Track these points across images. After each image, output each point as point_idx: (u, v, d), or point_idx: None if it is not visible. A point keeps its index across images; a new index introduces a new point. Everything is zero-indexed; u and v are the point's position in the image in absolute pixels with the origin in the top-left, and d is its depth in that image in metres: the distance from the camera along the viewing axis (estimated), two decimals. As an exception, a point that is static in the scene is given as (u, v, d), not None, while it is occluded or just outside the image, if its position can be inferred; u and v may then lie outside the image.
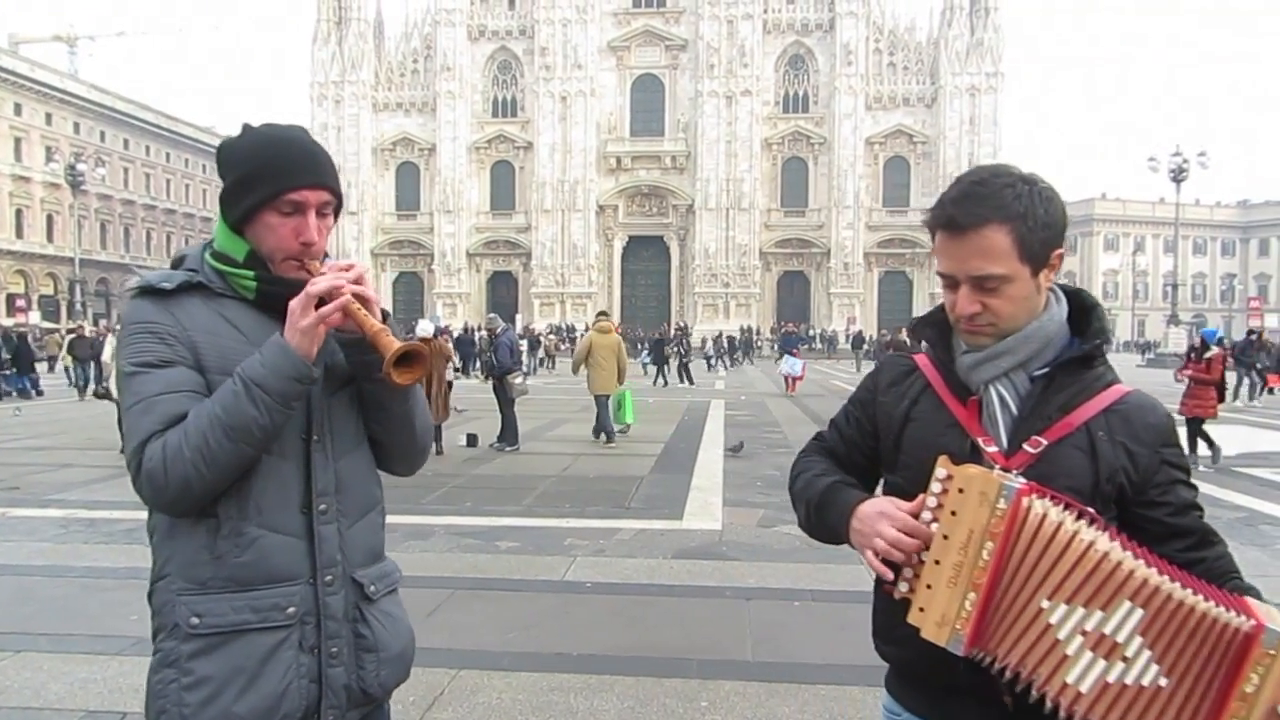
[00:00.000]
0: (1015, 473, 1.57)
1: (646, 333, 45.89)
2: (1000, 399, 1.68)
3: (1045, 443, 1.62)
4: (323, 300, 1.70)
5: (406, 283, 74.36)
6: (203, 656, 1.66)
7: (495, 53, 72.58)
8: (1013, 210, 1.59)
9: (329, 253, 1.92)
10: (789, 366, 26.02)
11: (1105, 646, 1.39)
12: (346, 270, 1.77)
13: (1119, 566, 1.40)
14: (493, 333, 16.60)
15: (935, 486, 1.54)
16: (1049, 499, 1.47)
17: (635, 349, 47.14)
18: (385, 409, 1.86)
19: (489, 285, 73.86)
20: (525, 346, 30.61)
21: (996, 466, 1.59)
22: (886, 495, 1.72)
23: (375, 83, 72.64)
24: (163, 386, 1.66)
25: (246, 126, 1.83)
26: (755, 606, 5.97)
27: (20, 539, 7.86)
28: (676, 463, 12.52)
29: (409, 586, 6.78)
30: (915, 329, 1.85)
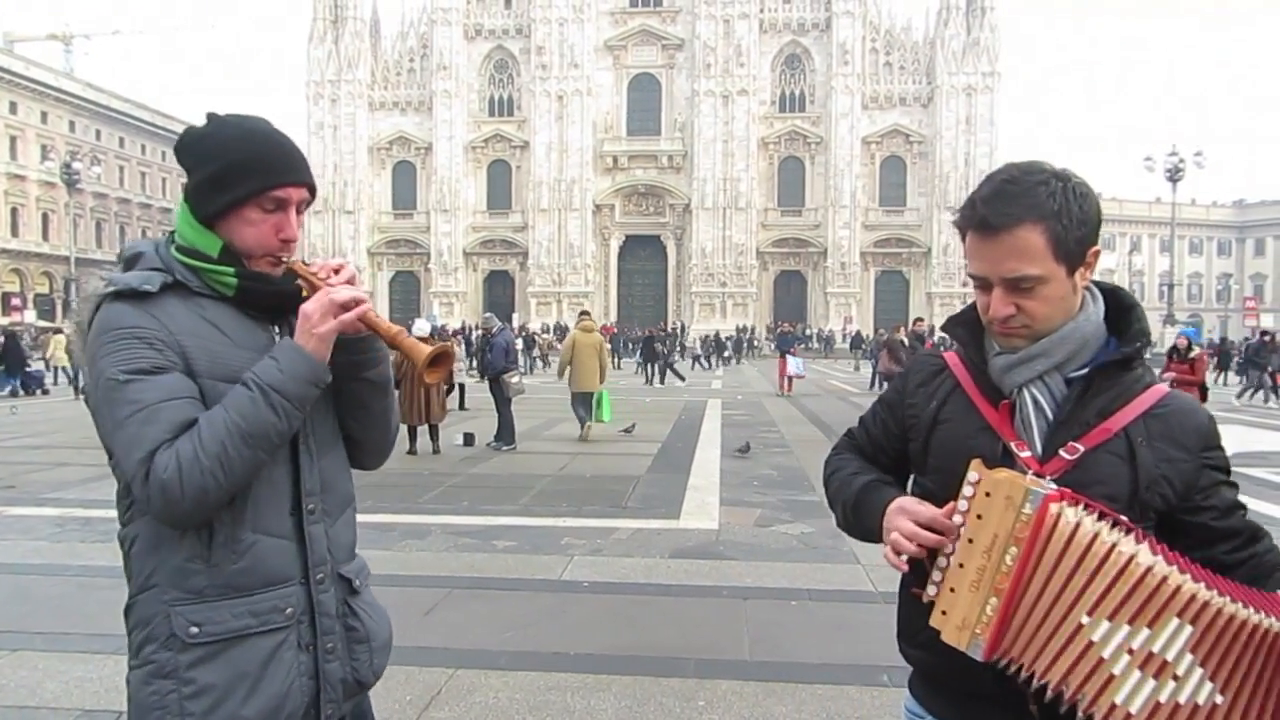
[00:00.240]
0: (1049, 478, 1.53)
1: (642, 332, 46.07)
2: (1035, 402, 1.63)
3: (1082, 449, 1.57)
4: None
5: (403, 282, 74.29)
6: (203, 665, 1.64)
7: (492, 52, 72.54)
8: (1047, 209, 1.54)
9: (313, 250, 1.90)
10: (795, 367, 26.19)
11: (1154, 665, 1.34)
12: (338, 271, 1.79)
13: (1164, 582, 1.35)
14: (488, 332, 16.60)
15: (967, 490, 1.51)
16: (1083, 507, 1.43)
17: (630, 349, 47.42)
18: (366, 407, 1.88)
19: (486, 284, 73.79)
20: (520, 345, 30.64)
21: (1030, 472, 1.55)
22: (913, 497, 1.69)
23: (371, 82, 72.56)
24: (164, 393, 1.60)
25: (214, 116, 1.78)
26: (752, 606, 5.97)
27: (16, 538, 7.85)
28: (674, 462, 12.52)
29: (406, 585, 6.78)
30: (946, 327, 1.82)
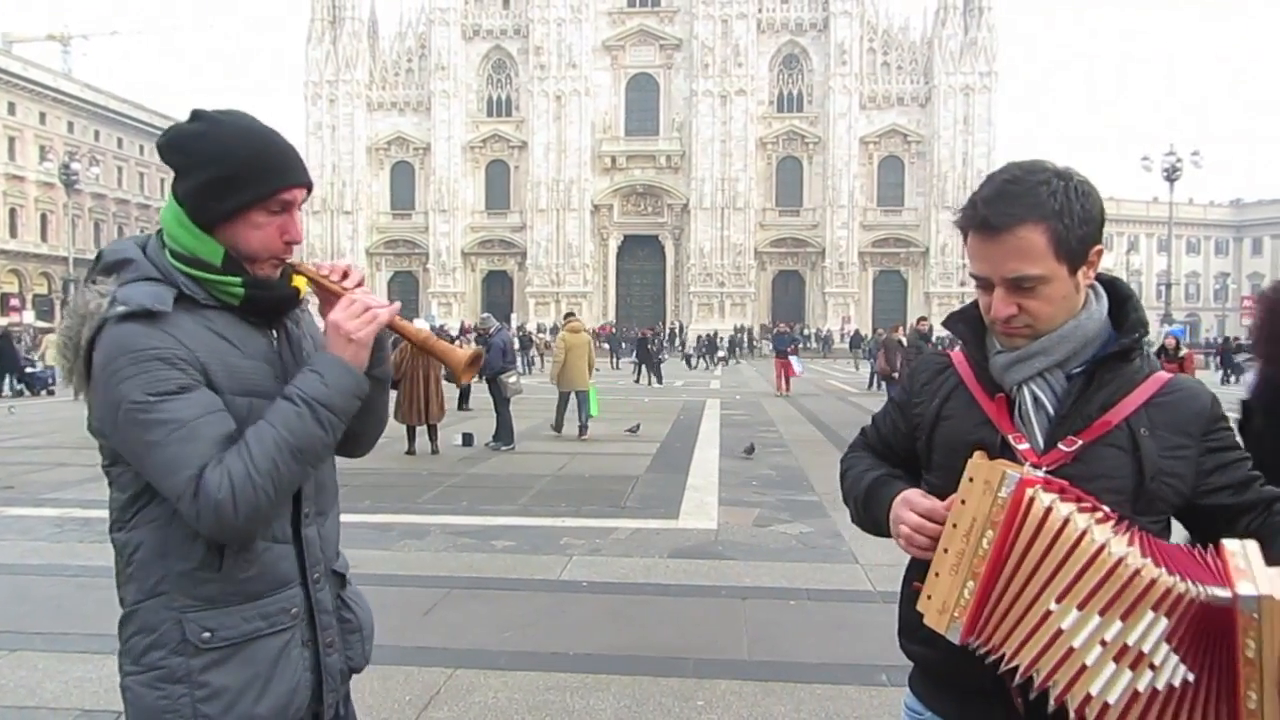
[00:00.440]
0: (1044, 470, 1.54)
1: (639, 333, 46.27)
2: (1034, 398, 1.63)
3: (1081, 442, 1.57)
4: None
5: (401, 282, 74.21)
6: (216, 668, 1.66)
7: (490, 52, 72.51)
8: (1048, 208, 1.54)
9: (311, 251, 1.90)
10: (797, 366, 26.53)
11: (1130, 657, 1.35)
12: (346, 274, 1.80)
13: (1137, 575, 1.35)
14: (485, 332, 16.65)
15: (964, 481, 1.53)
16: (1059, 493, 1.43)
17: (626, 349, 47.58)
18: (370, 403, 1.88)
19: (484, 284, 73.76)
20: (517, 345, 30.80)
21: (1027, 464, 1.55)
22: None
23: (370, 82, 72.51)
24: (199, 410, 1.58)
25: (203, 114, 1.72)
26: (751, 606, 5.98)
27: (15, 538, 7.86)
28: (672, 462, 12.52)
29: (405, 585, 6.79)
30: (947, 323, 1.83)
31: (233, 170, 1.66)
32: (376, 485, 10.02)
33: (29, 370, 26.20)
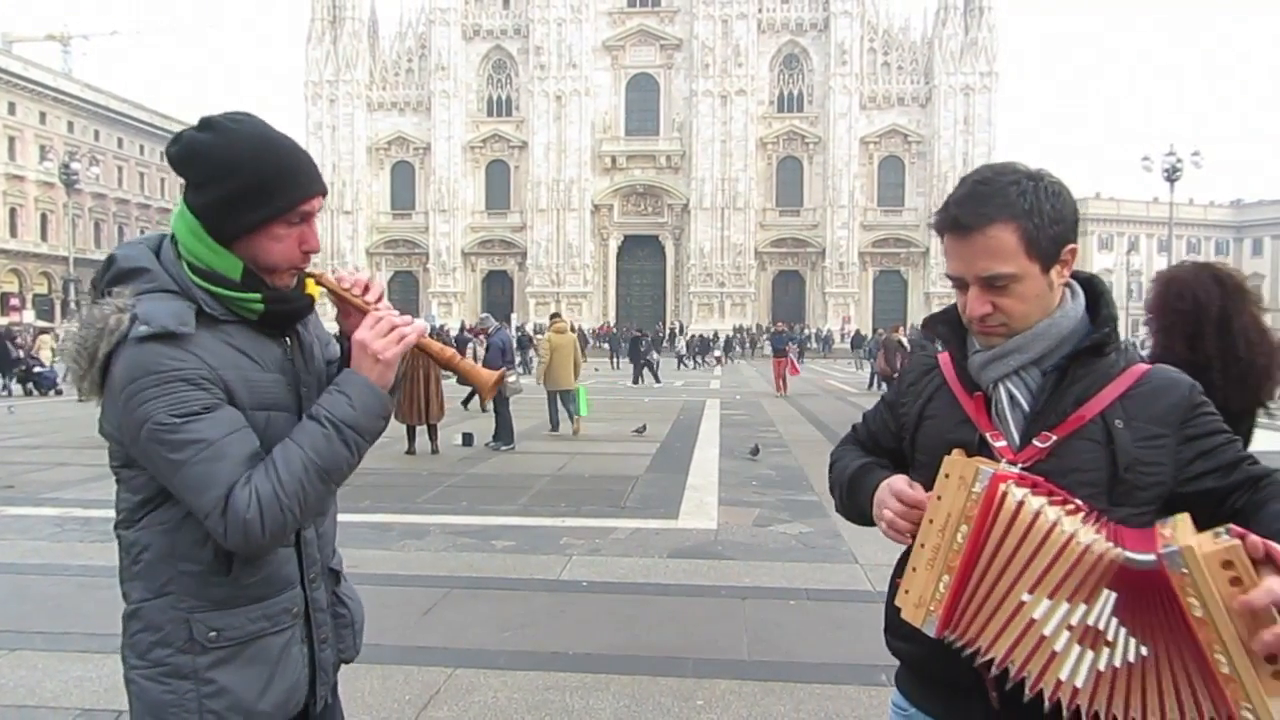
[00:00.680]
0: (1020, 466, 1.56)
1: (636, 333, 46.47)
2: (1009, 396, 1.66)
3: (1055, 438, 1.59)
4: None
5: (401, 282, 74.23)
6: (221, 666, 1.69)
7: (490, 52, 72.54)
8: (1018, 207, 1.57)
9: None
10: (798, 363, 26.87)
11: (1091, 637, 1.38)
12: (366, 289, 1.81)
13: (1087, 551, 1.38)
14: (485, 332, 16.65)
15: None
16: (1030, 487, 1.45)
17: (623, 349, 47.75)
18: None
19: (484, 284, 73.79)
20: (516, 345, 30.90)
21: (1003, 461, 1.58)
22: None
23: (370, 82, 72.55)
24: (224, 429, 1.59)
25: (213, 122, 1.68)
26: (751, 606, 5.98)
27: (15, 537, 7.85)
28: (672, 462, 12.52)
29: (405, 585, 6.78)
30: (928, 325, 1.86)
31: (252, 185, 1.64)
32: (376, 485, 10.02)
33: (36, 370, 26.21)
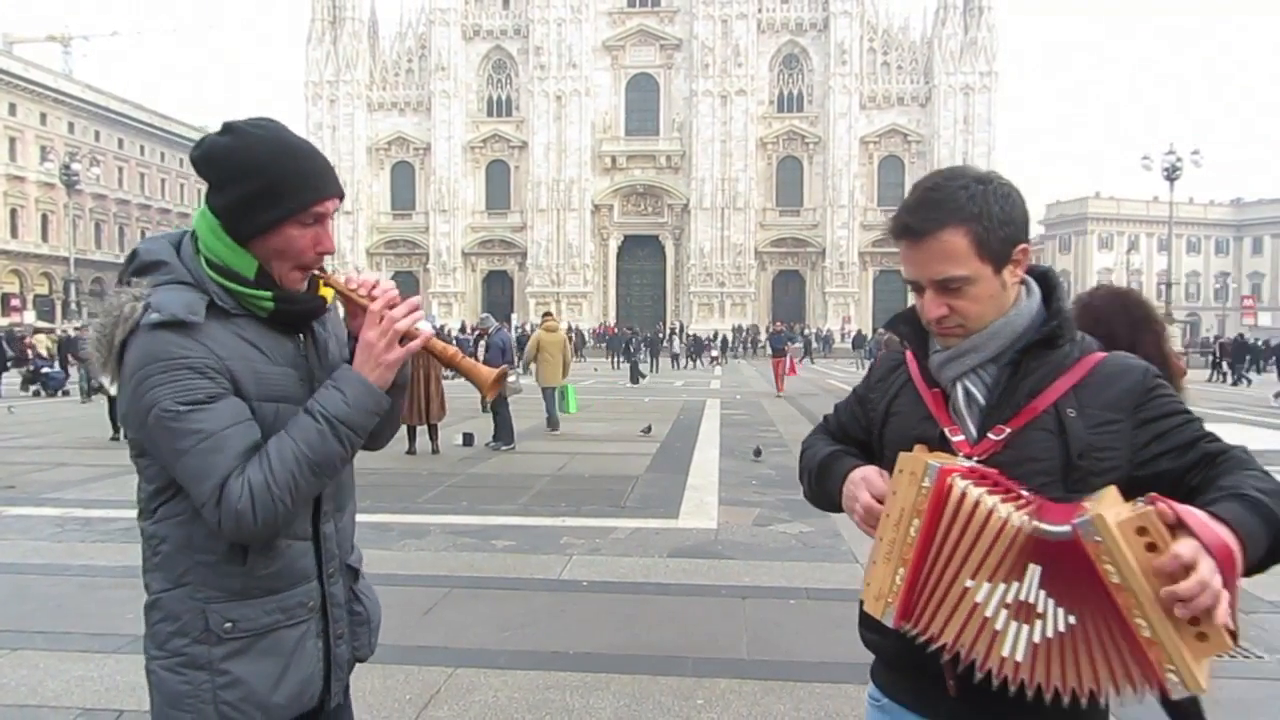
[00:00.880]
0: (976, 459, 1.61)
1: (631, 331, 46.65)
2: (966, 392, 1.71)
3: (1009, 430, 1.64)
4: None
5: (402, 282, 73.51)
6: (237, 657, 1.73)
7: (490, 52, 72.53)
8: (968, 211, 1.61)
9: None
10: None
11: (1024, 612, 1.43)
12: (374, 286, 1.84)
13: (1019, 533, 1.43)
14: (485, 332, 16.70)
15: None
16: (974, 480, 1.50)
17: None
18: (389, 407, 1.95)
19: (484, 284, 73.79)
20: (515, 344, 31.04)
21: (960, 454, 1.63)
22: None
23: (370, 82, 72.54)
24: (225, 421, 1.64)
25: (234, 126, 1.75)
26: (751, 605, 5.99)
27: (16, 537, 7.86)
28: (672, 462, 12.53)
29: (405, 585, 6.78)
30: (890, 326, 1.91)
31: (267, 185, 1.70)
32: (377, 485, 10.03)
33: (44, 370, 26.18)
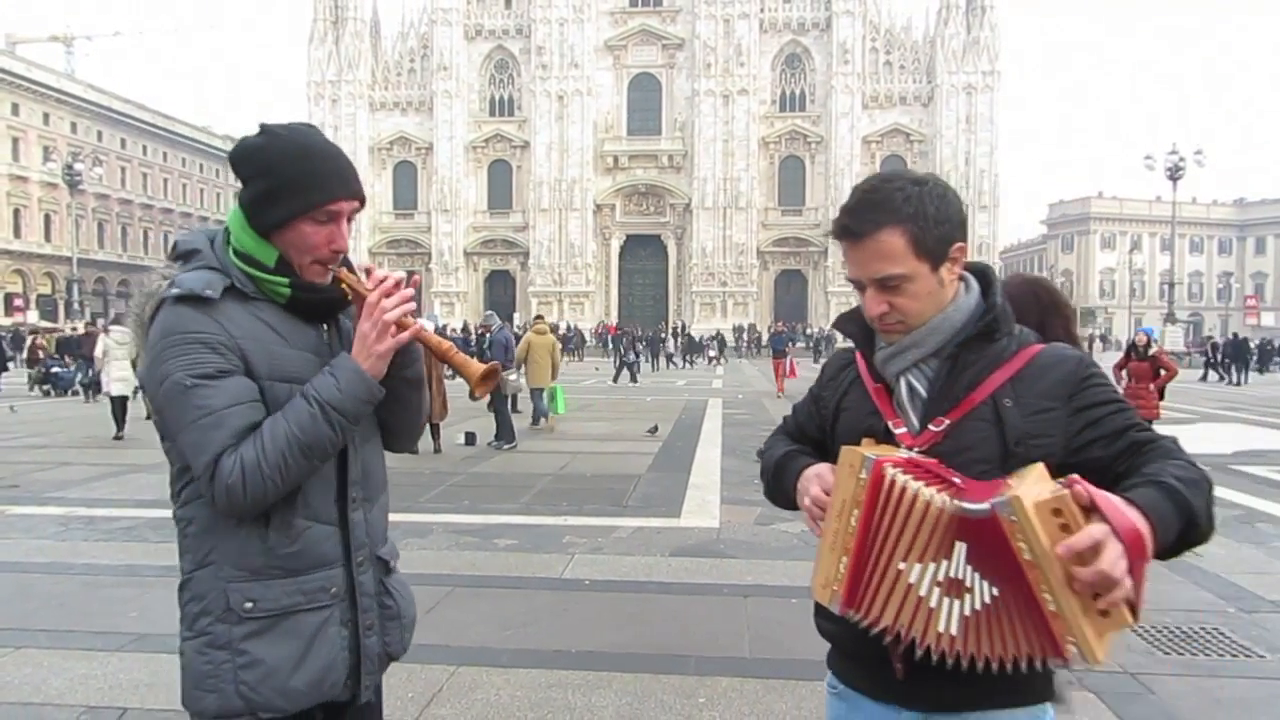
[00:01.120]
0: (917, 450, 1.67)
1: (624, 330, 46.66)
2: (909, 387, 1.77)
3: (948, 421, 1.70)
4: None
5: (404, 282, 74.19)
6: (256, 638, 1.79)
7: (492, 52, 72.52)
8: (903, 212, 1.67)
9: None
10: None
11: (955, 588, 1.50)
12: (382, 280, 1.88)
13: (943, 512, 1.49)
14: (488, 330, 16.97)
15: None
16: (911, 469, 1.57)
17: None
18: (404, 401, 2.01)
19: (487, 284, 73.80)
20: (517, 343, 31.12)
21: (903, 446, 1.70)
22: None
23: (372, 82, 72.54)
24: (229, 399, 1.72)
25: (267, 128, 1.86)
26: (752, 603, 5.99)
27: (19, 536, 7.88)
28: (674, 461, 12.53)
29: (408, 583, 6.72)
30: (838, 325, 1.96)
31: (281, 183, 1.81)
32: (379, 484, 10.04)
33: (54, 370, 26.15)
